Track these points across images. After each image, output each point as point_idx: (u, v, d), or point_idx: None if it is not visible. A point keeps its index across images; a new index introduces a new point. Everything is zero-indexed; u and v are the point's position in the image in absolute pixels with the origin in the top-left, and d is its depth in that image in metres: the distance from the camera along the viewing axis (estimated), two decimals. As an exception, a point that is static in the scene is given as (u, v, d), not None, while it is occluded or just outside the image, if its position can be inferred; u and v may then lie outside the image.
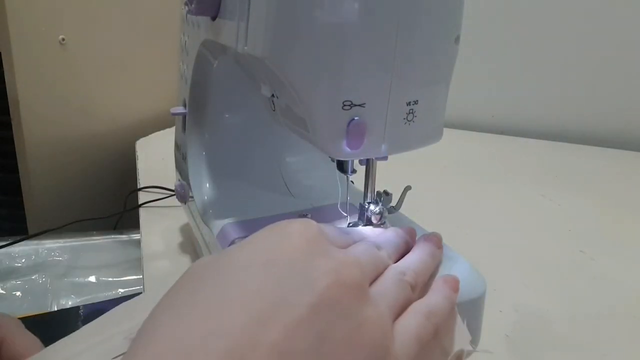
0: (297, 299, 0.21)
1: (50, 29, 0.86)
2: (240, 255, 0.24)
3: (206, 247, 0.43)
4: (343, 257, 0.24)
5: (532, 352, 0.39)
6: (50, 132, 0.90)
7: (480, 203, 0.69)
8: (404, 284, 0.26)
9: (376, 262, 0.27)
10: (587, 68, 0.96)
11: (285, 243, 0.24)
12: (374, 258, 0.27)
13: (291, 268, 0.22)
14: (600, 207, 0.68)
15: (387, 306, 0.24)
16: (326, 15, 0.26)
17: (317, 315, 0.21)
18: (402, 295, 0.26)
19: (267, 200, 0.44)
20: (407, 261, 0.29)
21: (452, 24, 0.30)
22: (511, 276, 0.50)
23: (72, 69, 0.90)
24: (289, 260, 0.23)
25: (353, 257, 0.25)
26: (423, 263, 0.29)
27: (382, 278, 0.26)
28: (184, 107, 0.47)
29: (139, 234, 0.61)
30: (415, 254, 0.30)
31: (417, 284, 0.27)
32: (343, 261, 0.24)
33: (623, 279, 0.50)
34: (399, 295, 0.26)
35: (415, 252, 0.30)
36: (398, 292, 0.26)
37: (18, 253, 0.78)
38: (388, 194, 0.36)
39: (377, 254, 0.28)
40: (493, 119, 1.05)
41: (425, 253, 0.30)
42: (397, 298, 0.25)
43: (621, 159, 0.89)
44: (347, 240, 0.28)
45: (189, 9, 0.34)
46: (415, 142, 0.31)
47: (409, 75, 0.29)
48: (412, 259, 0.29)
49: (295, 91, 0.28)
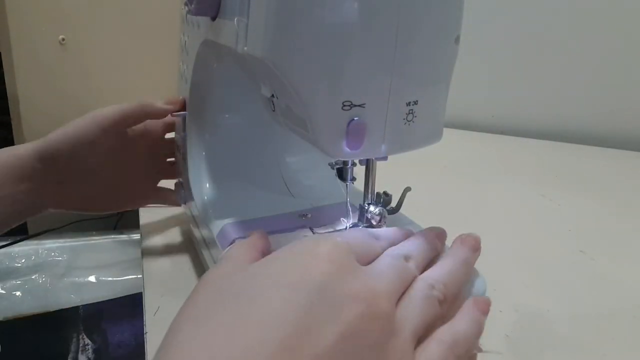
0: (326, 329, 0.21)
1: (50, 29, 0.86)
2: (267, 272, 0.24)
3: (206, 247, 0.43)
4: (372, 285, 0.24)
5: (532, 352, 0.39)
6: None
7: (480, 203, 0.69)
8: (432, 300, 0.26)
9: (404, 277, 0.26)
10: (587, 68, 0.96)
11: (314, 265, 0.23)
12: (402, 273, 0.26)
13: (320, 294, 0.22)
14: (600, 207, 0.68)
15: (411, 331, 0.24)
16: (326, 15, 0.26)
17: (344, 345, 0.21)
18: (430, 312, 0.25)
19: (267, 200, 0.44)
20: (438, 270, 0.28)
21: (452, 24, 0.30)
22: (511, 276, 0.50)
23: (72, 69, 0.90)
24: (318, 285, 0.22)
25: (382, 283, 0.24)
26: (454, 273, 0.28)
27: (410, 294, 0.26)
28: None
29: (138, 233, 0.61)
30: (447, 261, 0.29)
31: (446, 298, 0.26)
32: (372, 290, 0.23)
33: (623, 279, 0.50)
34: (426, 312, 0.25)
35: (447, 259, 0.29)
36: (425, 309, 0.25)
37: (18, 253, 0.78)
38: (388, 195, 0.36)
39: (405, 267, 0.27)
40: (493, 119, 1.05)
41: (457, 260, 0.29)
42: (424, 316, 0.25)
43: (621, 159, 0.89)
44: (375, 250, 0.28)
45: (189, 9, 0.34)
46: (415, 142, 0.31)
47: (409, 75, 0.29)
48: (442, 268, 0.28)
49: (295, 91, 0.28)
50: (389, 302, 0.24)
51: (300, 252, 0.24)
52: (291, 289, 0.22)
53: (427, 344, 0.25)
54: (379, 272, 0.26)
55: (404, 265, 0.27)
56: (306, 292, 0.22)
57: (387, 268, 0.26)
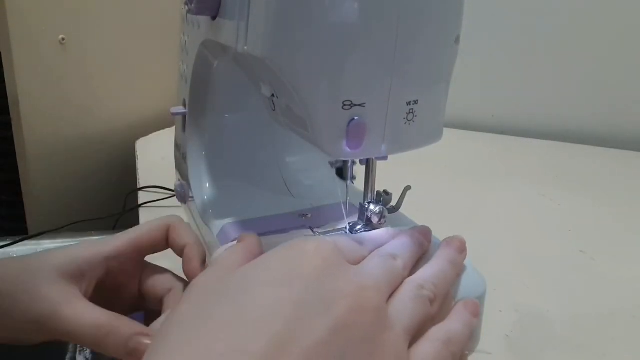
0: (316, 323, 0.21)
1: (50, 29, 0.86)
2: (256, 273, 0.24)
3: (206, 247, 0.43)
4: (360, 279, 0.24)
5: (532, 352, 0.39)
6: (50, 132, 0.90)
7: (480, 203, 0.69)
8: (422, 299, 0.26)
9: (393, 276, 0.26)
10: (587, 68, 0.96)
11: (302, 262, 0.23)
12: (390, 272, 0.26)
13: (309, 289, 0.22)
14: (600, 207, 0.68)
15: (403, 328, 0.24)
16: (326, 15, 0.26)
17: (336, 338, 0.21)
18: (421, 312, 0.25)
19: (267, 200, 0.44)
20: (426, 272, 0.28)
21: (452, 24, 0.30)
22: (511, 276, 0.50)
23: (72, 68, 0.90)
24: (306, 281, 0.22)
25: (371, 279, 0.24)
26: (442, 273, 0.28)
27: (400, 293, 0.26)
28: (184, 107, 0.47)
29: (138, 234, 0.61)
30: (434, 262, 0.29)
31: (436, 297, 0.27)
32: (361, 284, 0.23)
33: (623, 279, 0.50)
34: (417, 312, 0.25)
35: (435, 260, 0.30)
36: (416, 308, 0.25)
37: (17, 253, 0.78)
38: (388, 194, 0.36)
39: (394, 266, 0.27)
40: (493, 119, 1.05)
41: (445, 261, 0.29)
42: (415, 315, 0.25)
43: (621, 159, 0.89)
44: (362, 253, 0.28)
45: (189, 8, 0.34)
46: (415, 142, 0.31)
47: (409, 75, 0.29)
48: (431, 269, 0.28)
49: (295, 91, 0.28)
50: (379, 297, 0.24)
51: (287, 251, 0.25)
52: (281, 285, 0.22)
53: (421, 343, 0.25)
54: (368, 270, 0.26)
55: (392, 264, 0.27)
56: (295, 288, 0.22)
57: (375, 266, 0.26)
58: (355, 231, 0.35)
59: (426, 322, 0.25)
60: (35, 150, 0.88)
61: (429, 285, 0.27)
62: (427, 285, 0.27)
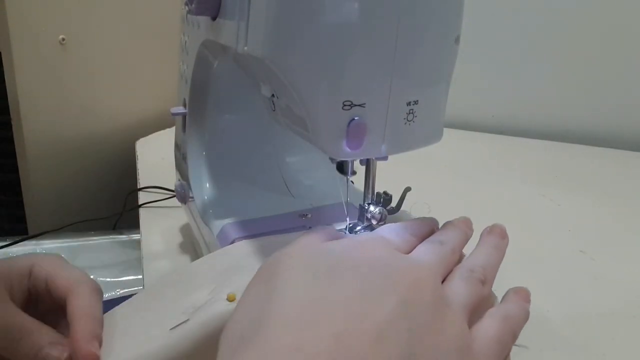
0: (383, 300, 0.22)
1: (50, 29, 0.86)
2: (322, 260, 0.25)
3: (206, 247, 0.43)
4: (413, 263, 0.26)
5: (532, 352, 0.39)
6: (51, 132, 0.90)
7: (480, 203, 0.69)
8: (474, 280, 0.27)
9: (444, 260, 0.28)
10: (587, 68, 0.96)
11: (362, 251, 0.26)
12: (441, 256, 0.28)
13: (374, 271, 0.24)
14: (600, 207, 0.68)
15: (460, 305, 0.25)
16: (326, 15, 0.26)
17: (403, 314, 0.22)
18: (475, 292, 0.26)
19: (267, 200, 0.44)
20: (474, 257, 0.29)
21: (452, 24, 0.30)
22: (511, 276, 0.50)
23: (72, 69, 0.90)
24: (369, 265, 0.24)
25: (425, 262, 0.26)
26: (489, 257, 0.29)
27: (452, 277, 0.27)
28: (184, 107, 0.47)
29: (138, 234, 0.61)
30: (480, 249, 0.30)
31: (486, 279, 0.28)
32: (417, 266, 0.25)
33: (623, 279, 0.50)
34: (471, 291, 0.26)
35: (480, 247, 0.31)
36: (470, 289, 0.26)
37: (17, 253, 0.78)
38: (388, 195, 0.36)
39: (443, 251, 0.28)
40: (493, 119, 1.05)
41: (490, 247, 0.30)
42: (470, 295, 0.26)
43: (621, 159, 0.89)
44: (411, 242, 0.29)
45: (189, 9, 0.34)
46: (415, 142, 0.31)
47: (409, 75, 0.29)
48: (477, 254, 0.30)
49: (295, 91, 0.28)
50: (435, 278, 0.25)
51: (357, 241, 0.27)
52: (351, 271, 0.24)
53: (482, 320, 0.26)
54: (420, 256, 0.27)
55: (442, 248, 0.28)
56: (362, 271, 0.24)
57: (426, 251, 0.28)
58: (355, 232, 0.35)
59: (480, 303, 0.26)
60: (35, 150, 0.88)
61: (478, 268, 0.28)
62: (477, 269, 0.28)
